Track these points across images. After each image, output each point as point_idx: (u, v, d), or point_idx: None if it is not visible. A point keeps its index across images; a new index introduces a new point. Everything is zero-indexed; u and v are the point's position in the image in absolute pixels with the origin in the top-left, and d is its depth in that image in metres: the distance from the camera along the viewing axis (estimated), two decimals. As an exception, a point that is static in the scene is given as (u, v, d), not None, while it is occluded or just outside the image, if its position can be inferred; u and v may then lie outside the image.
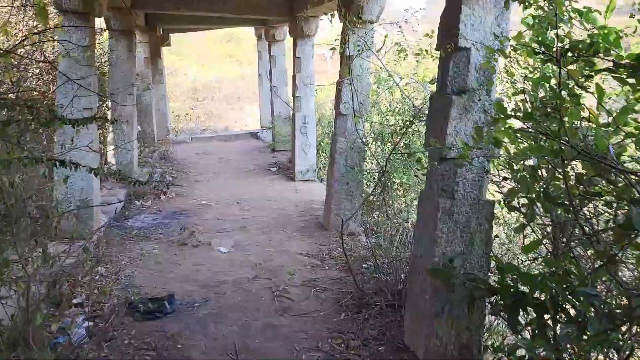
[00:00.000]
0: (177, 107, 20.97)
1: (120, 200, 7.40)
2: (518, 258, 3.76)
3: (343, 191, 6.15)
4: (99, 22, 9.27)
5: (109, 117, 8.29)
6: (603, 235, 2.20)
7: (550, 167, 2.42)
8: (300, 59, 8.86)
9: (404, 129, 4.87)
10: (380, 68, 5.94)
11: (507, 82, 3.38)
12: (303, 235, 6.24)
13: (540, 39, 2.36)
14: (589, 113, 2.21)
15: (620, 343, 1.92)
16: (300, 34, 8.71)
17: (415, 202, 4.66)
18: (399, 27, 5.19)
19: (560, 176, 2.28)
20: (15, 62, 5.96)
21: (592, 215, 2.44)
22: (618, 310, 1.97)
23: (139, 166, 9.77)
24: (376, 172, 6.16)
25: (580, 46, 2.10)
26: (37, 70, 6.60)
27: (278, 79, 11.67)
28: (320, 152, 9.45)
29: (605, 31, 2.16)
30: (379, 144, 5.74)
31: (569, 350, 2.07)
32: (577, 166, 2.35)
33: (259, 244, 5.95)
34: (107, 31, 8.21)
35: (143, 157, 10.70)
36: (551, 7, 2.46)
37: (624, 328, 1.97)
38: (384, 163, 5.37)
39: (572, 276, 2.11)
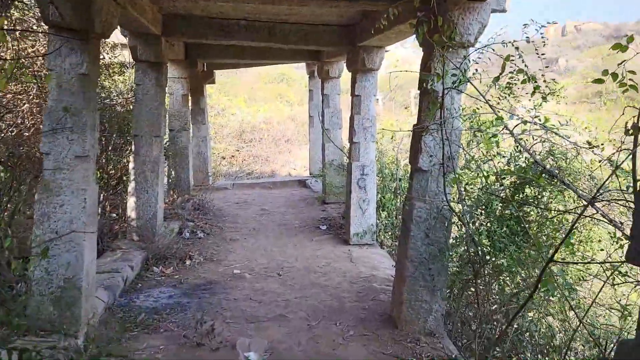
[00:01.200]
0: (222, 148, 19.92)
1: (133, 268, 5.94)
2: None
3: (420, 276, 4.44)
4: (127, 53, 8.16)
5: (131, 164, 6.97)
6: None
7: None
8: (360, 98, 7.35)
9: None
10: (477, 109, 4.33)
11: None
12: (364, 335, 4.53)
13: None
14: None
15: None
16: (360, 68, 7.23)
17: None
18: (517, 49, 3.57)
19: None
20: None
21: None
22: None
23: (167, 220, 8.39)
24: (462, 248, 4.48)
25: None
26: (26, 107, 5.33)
27: (331, 120, 10.20)
28: (380, 210, 7.77)
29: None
30: (479, 216, 4.05)
31: None
32: None
33: (302, 348, 4.28)
34: (134, 63, 6.98)
35: (175, 207, 9.35)
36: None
37: None
38: (480, 239, 3.73)
39: None
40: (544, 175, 3.45)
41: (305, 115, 24.44)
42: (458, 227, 4.69)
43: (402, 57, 33.45)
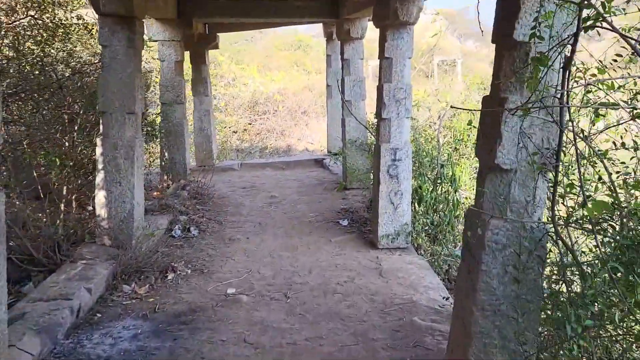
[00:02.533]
0: (233, 121, 18.38)
1: (91, 291, 4.48)
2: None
3: (497, 334, 2.87)
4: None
5: (98, 148, 5.46)
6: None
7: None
8: (391, 62, 5.69)
9: None
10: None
11: None
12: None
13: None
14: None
15: None
16: (392, 22, 5.55)
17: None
18: None
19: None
20: None
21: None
22: None
23: (155, 214, 6.93)
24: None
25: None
26: None
27: (352, 90, 8.54)
28: (415, 204, 6.15)
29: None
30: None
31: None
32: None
33: None
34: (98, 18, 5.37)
35: (167, 196, 7.88)
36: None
37: None
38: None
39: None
40: None
41: (324, 84, 22.78)
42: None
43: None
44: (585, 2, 2.03)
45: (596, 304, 2.32)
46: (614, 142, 2.51)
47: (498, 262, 2.80)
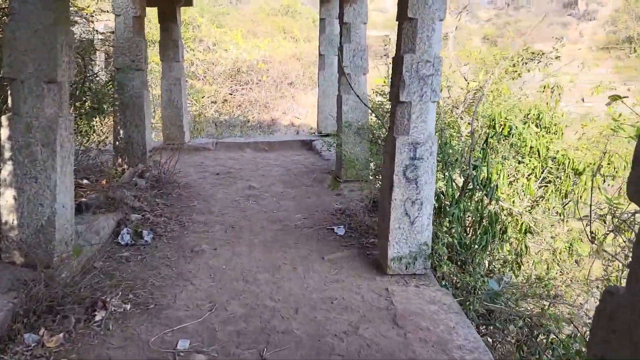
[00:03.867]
0: (212, 91, 16.67)
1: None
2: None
3: None
4: None
5: (3, 130, 3.90)
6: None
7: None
8: (415, 24, 4.15)
9: None
10: None
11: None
12: None
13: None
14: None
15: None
16: (421, -33, 4.01)
17: None
18: None
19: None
20: None
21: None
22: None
23: (98, 211, 5.41)
24: None
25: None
26: None
27: (353, 61, 6.99)
28: (440, 217, 4.65)
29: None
30: None
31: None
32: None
33: None
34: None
35: (121, 184, 6.35)
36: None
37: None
38: None
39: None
40: None
41: (313, 54, 20.93)
42: None
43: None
44: None
45: None
46: None
47: None
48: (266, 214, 6.04)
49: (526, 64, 6.24)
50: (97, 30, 8.12)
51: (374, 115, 6.60)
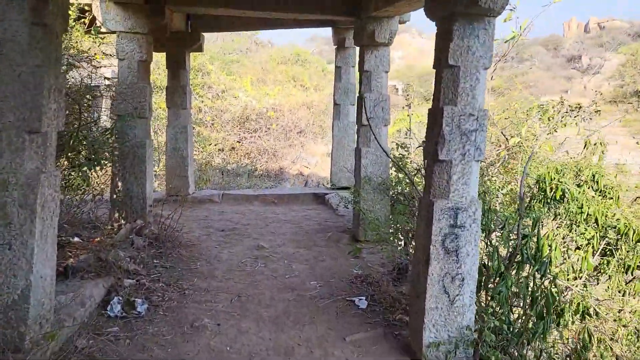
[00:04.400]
0: (220, 138, 16.26)
1: None
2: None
3: None
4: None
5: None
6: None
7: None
8: (458, 72, 3.61)
9: None
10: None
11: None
12: None
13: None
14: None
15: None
16: (466, 8, 3.49)
17: None
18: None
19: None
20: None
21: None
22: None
23: (89, 275, 4.77)
24: None
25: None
26: None
27: (373, 112, 6.46)
28: (486, 295, 3.95)
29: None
30: None
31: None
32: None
33: None
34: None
35: (116, 242, 5.73)
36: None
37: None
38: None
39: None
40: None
41: (323, 102, 20.68)
42: None
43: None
44: None
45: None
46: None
47: None
48: (276, 280, 5.37)
49: (563, 117, 5.69)
50: (106, 77, 7.70)
51: (393, 168, 6.01)
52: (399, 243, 5.92)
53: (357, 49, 9.16)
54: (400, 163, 6.63)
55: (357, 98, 6.62)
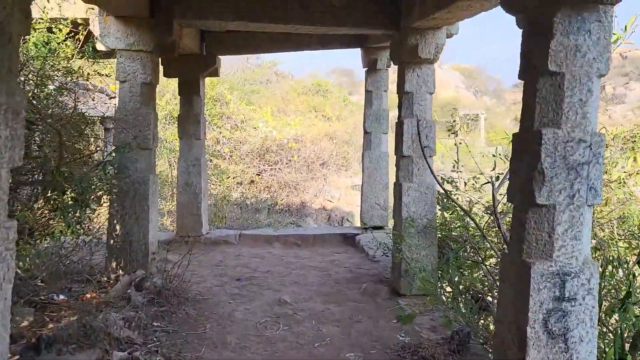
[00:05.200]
0: (239, 171, 15.38)
1: None
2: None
3: None
4: None
5: None
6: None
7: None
8: (561, 81, 2.59)
9: None
10: None
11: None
12: None
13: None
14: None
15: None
16: (573, 5, 2.50)
17: None
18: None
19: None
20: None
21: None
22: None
23: (70, 346, 3.77)
24: None
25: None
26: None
27: (415, 141, 5.44)
28: None
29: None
30: None
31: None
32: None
33: None
34: None
35: (111, 298, 4.75)
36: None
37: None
38: None
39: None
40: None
41: (347, 132, 19.77)
42: None
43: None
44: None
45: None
46: None
47: None
48: (303, 350, 4.28)
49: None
50: (115, 105, 6.88)
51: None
52: (453, 299, 4.82)
53: (390, 71, 8.29)
54: (446, 202, 5.60)
55: (395, 124, 5.61)
